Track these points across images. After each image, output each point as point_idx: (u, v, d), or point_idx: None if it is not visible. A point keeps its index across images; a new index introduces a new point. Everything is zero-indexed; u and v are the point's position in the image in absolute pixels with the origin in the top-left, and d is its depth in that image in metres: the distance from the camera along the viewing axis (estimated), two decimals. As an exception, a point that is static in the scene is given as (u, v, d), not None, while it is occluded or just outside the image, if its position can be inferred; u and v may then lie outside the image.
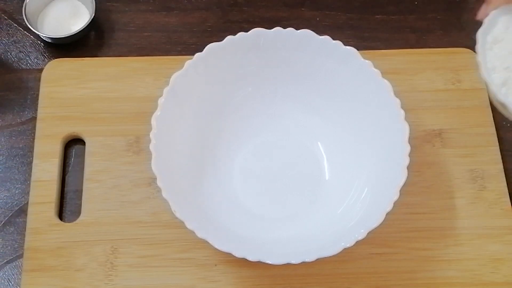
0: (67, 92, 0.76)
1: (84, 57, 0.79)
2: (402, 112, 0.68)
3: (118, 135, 0.74)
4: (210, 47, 0.70)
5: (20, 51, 0.81)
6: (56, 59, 0.79)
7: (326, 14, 0.84)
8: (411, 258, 0.70)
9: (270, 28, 0.71)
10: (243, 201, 0.70)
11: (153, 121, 0.67)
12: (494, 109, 0.77)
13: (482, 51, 0.67)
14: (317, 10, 0.84)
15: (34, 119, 0.76)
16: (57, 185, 0.72)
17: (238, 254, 0.62)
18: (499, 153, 0.75)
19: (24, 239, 0.70)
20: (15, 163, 0.74)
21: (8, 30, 0.82)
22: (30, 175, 0.73)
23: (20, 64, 0.80)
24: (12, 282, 0.69)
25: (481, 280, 0.69)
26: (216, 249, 0.62)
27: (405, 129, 0.67)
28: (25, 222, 0.70)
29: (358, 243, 0.63)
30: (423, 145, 0.75)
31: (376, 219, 0.63)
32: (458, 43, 0.81)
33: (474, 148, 0.75)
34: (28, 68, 0.80)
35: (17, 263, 0.70)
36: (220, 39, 0.71)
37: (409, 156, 0.66)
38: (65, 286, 0.68)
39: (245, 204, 0.70)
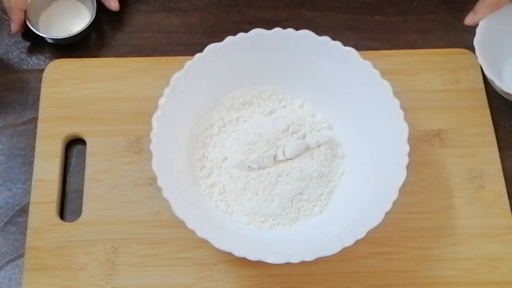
0: (68, 92, 0.77)
1: (85, 57, 0.80)
2: (401, 112, 0.68)
3: (118, 135, 0.75)
4: (210, 47, 0.71)
5: (21, 52, 0.81)
6: (57, 60, 0.79)
7: (326, 15, 0.84)
8: (410, 258, 0.70)
9: (270, 28, 0.72)
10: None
11: (154, 121, 0.67)
12: (492, 109, 0.77)
13: (482, 56, 0.74)
14: (317, 11, 0.84)
15: (35, 119, 0.76)
16: (58, 185, 0.72)
17: (238, 253, 0.63)
18: (497, 153, 0.75)
19: (25, 239, 0.70)
20: (17, 163, 0.75)
21: (10, 31, 0.82)
22: (31, 175, 0.73)
23: (21, 64, 0.80)
24: (13, 281, 0.70)
25: (480, 279, 0.69)
26: (216, 248, 0.63)
27: (404, 129, 0.68)
28: (26, 221, 0.71)
29: (357, 242, 0.63)
30: (422, 145, 0.75)
31: (375, 219, 0.64)
32: (456, 44, 0.81)
33: (473, 148, 0.75)
34: (29, 68, 0.80)
35: (18, 263, 0.70)
36: (220, 39, 0.71)
37: (408, 156, 0.66)
38: (66, 285, 0.68)
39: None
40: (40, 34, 0.79)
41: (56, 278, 0.68)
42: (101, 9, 0.82)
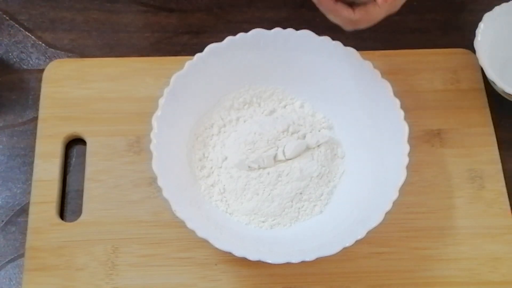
0: (68, 92, 0.77)
1: (85, 57, 0.80)
2: (402, 112, 0.68)
3: (119, 135, 0.75)
4: (210, 47, 0.71)
5: (21, 52, 0.81)
6: (57, 60, 0.79)
7: (326, 15, 0.84)
8: (410, 258, 0.70)
9: (270, 28, 0.72)
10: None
11: (154, 121, 0.67)
12: (492, 109, 0.77)
13: (483, 57, 0.74)
14: (317, 11, 0.84)
15: (35, 119, 0.76)
16: (58, 185, 0.72)
17: (238, 253, 0.63)
18: (497, 153, 0.75)
19: (25, 239, 0.70)
20: (17, 163, 0.75)
21: (10, 31, 0.82)
22: (31, 175, 0.73)
23: (21, 64, 0.80)
24: (14, 281, 0.70)
25: (480, 279, 0.69)
26: (216, 248, 0.63)
27: (405, 129, 0.68)
28: (26, 221, 0.71)
29: (357, 242, 0.63)
30: (422, 145, 0.75)
31: (375, 219, 0.64)
32: (456, 44, 0.81)
33: (473, 148, 0.75)
34: (29, 68, 0.80)
35: (18, 262, 0.70)
36: (220, 39, 0.71)
37: (408, 156, 0.66)
38: (66, 285, 0.68)
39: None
40: None
41: (56, 278, 0.68)
42: (101, 9, 0.82)
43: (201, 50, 0.71)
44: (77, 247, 0.69)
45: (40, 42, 0.81)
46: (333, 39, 0.71)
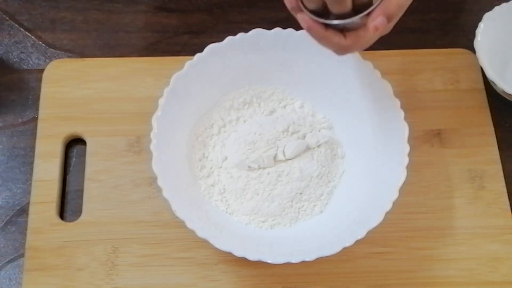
0: (68, 92, 0.77)
1: (85, 57, 0.80)
2: (402, 112, 0.68)
3: (119, 135, 0.75)
4: (210, 47, 0.71)
5: (21, 52, 0.81)
6: (57, 60, 0.79)
7: (326, 15, 0.84)
8: (410, 258, 0.70)
9: (270, 28, 0.72)
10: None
11: (154, 121, 0.67)
12: (492, 109, 0.77)
13: (483, 57, 0.74)
14: (317, 11, 0.84)
15: (35, 119, 0.76)
16: (58, 185, 0.72)
17: (238, 253, 0.63)
18: (497, 153, 0.75)
19: (25, 239, 0.70)
20: (17, 163, 0.75)
21: (10, 31, 0.82)
22: (31, 175, 0.73)
23: (21, 64, 0.80)
24: (13, 281, 0.70)
25: (480, 279, 0.69)
26: (216, 248, 0.63)
27: (404, 129, 0.68)
28: (26, 221, 0.71)
29: (357, 242, 0.63)
30: (422, 145, 0.75)
31: (375, 219, 0.64)
32: (456, 44, 0.81)
33: (473, 148, 0.75)
34: (29, 68, 0.80)
35: (18, 263, 0.70)
36: (221, 39, 0.71)
37: (408, 156, 0.66)
38: (66, 285, 0.68)
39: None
40: None
41: (56, 278, 0.68)
42: (101, 9, 0.82)
43: (201, 50, 0.71)
44: (77, 247, 0.69)
45: (40, 42, 0.81)
46: (333, 39, 0.71)
